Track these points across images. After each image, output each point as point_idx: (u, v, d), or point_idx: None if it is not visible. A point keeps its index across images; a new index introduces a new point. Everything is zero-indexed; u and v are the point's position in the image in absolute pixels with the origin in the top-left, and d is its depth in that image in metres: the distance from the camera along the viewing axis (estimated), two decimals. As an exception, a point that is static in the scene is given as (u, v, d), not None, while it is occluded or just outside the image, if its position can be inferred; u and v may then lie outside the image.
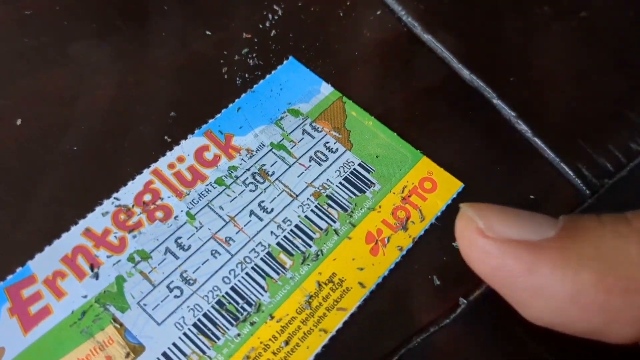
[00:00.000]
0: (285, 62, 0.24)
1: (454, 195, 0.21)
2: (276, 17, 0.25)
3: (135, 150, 0.21)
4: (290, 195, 0.21)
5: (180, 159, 0.21)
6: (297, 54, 0.24)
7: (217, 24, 0.25)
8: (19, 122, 0.22)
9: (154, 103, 0.22)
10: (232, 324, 0.18)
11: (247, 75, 0.23)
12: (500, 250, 0.16)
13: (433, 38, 0.25)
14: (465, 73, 0.24)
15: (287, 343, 0.18)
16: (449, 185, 0.21)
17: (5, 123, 0.22)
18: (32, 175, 0.21)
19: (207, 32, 0.24)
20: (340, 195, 0.21)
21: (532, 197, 0.22)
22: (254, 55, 0.24)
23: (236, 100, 0.23)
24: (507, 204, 0.18)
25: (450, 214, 0.21)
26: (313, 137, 0.22)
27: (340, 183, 0.21)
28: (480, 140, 0.23)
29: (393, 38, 0.25)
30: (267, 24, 0.25)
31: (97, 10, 0.25)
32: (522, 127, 0.23)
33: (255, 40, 0.24)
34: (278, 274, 0.19)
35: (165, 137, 0.22)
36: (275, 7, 0.25)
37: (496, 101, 0.24)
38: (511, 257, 0.16)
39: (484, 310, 0.20)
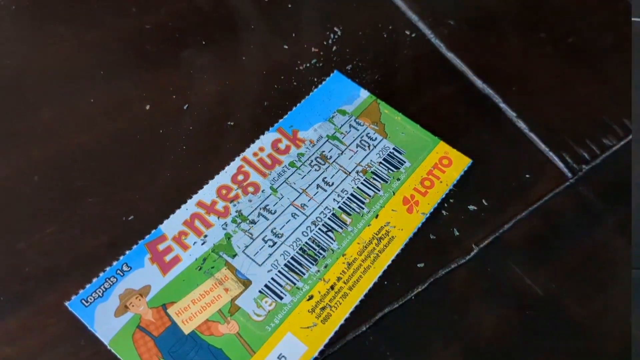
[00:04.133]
0: (331, 75, 0.31)
1: (465, 168, 0.28)
2: (337, 36, 0.32)
3: (232, 137, 0.29)
4: (345, 172, 0.28)
5: (261, 149, 0.28)
6: (346, 66, 0.31)
7: (292, 40, 0.32)
8: (147, 107, 0.29)
9: (245, 100, 0.30)
10: (312, 264, 0.25)
11: (315, 79, 0.30)
12: None
13: (454, 55, 0.32)
14: (478, 83, 0.32)
15: (352, 275, 0.25)
16: (461, 162, 0.29)
17: (138, 107, 0.29)
18: (158, 152, 0.28)
19: (285, 46, 0.32)
20: (381, 171, 0.28)
21: (527, 176, 0.29)
22: (320, 65, 0.31)
23: (298, 104, 0.30)
24: (508, 179, 0.26)
25: (462, 182, 0.28)
26: (357, 130, 0.29)
27: (381, 162, 0.28)
28: (489, 133, 0.30)
29: (423, 55, 0.33)
30: (330, 41, 0.32)
31: (200, 27, 0.32)
32: (521, 124, 0.31)
33: (321, 53, 0.32)
34: (342, 228, 0.26)
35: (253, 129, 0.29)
36: (335, 28, 0.33)
37: (502, 105, 0.31)
38: None
39: (491, 254, 0.27)
